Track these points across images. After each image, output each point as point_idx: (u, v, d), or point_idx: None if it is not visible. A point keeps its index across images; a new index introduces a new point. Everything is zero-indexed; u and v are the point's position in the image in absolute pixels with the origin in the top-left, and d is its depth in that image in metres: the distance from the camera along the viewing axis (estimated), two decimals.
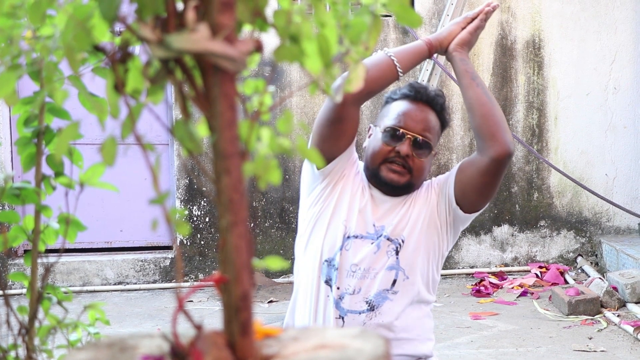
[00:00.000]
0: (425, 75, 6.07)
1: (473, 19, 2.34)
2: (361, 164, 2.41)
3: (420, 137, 2.30)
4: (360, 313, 2.28)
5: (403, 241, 2.31)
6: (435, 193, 2.36)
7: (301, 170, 2.47)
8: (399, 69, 2.25)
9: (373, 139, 2.36)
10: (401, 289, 2.30)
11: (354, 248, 2.31)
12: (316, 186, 2.35)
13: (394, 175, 2.30)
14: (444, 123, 2.42)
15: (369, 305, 2.29)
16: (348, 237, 2.31)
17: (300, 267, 2.39)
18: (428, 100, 2.36)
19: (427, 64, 6.03)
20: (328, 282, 2.30)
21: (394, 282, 2.30)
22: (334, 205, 2.33)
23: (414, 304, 2.33)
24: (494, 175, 2.26)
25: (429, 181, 2.42)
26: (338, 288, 2.29)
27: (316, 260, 2.33)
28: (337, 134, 2.27)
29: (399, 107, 2.35)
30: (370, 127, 2.42)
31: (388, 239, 2.31)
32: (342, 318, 2.29)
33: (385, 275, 2.29)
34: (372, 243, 2.31)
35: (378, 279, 2.29)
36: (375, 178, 2.33)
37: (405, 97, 2.36)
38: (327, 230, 2.32)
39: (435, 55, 2.37)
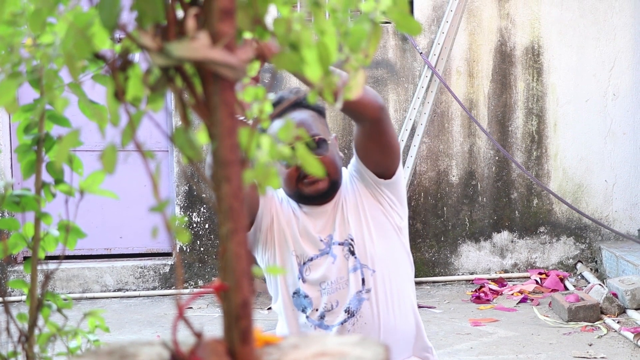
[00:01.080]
0: (424, 81, 6.08)
1: None
2: (280, 192, 2.42)
3: (310, 139, 2.31)
4: (342, 323, 2.30)
5: (352, 239, 2.32)
6: (357, 179, 2.37)
7: None
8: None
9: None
10: (373, 285, 2.31)
11: (313, 269, 2.33)
12: (256, 243, 2.39)
13: (314, 186, 2.30)
14: (318, 110, 2.40)
15: (348, 313, 2.30)
16: (304, 263, 2.34)
17: (278, 306, 2.41)
18: (292, 104, 2.35)
19: (426, 71, 6.04)
20: (304, 310, 2.34)
21: (363, 280, 2.31)
22: (277, 245, 2.36)
23: (393, 294, 2.33)
24: (381, 132, 2.24)
25: (348, 173, 2.41)
26: (317, 310, 2.32)
27: (286, 297, 2.37)
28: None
29: (275, 127, 2.32)
30: None
31: (339, 244, 2.33)
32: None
33: (353, 278, 2.31)
34: (327, 256, 2.32)
35: (349, 285, 2.30)
36: (301, 199, 2.35)
37: (274, 117, 2.33)
38: (282, 268, 2.35)
39: (434, 64, 2.37)
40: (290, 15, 0.88)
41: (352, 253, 2.32)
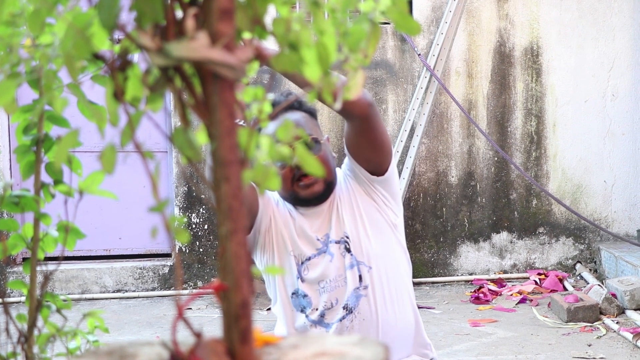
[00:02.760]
0: (424, 82, 6.08)
1: None
2: (275, 194, 2.43)
3: (307, 138, 2.32)
4: (341, 320, 2.31)
5: (348, 237, 2.33)
6: (351, 178, 2.39)
7: None
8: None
9: None
10: (370, 282, 2.32)
11: (311, 268, 2.34)
12: (255, 245, 2.40)
13: (310, 189, 2.31)
14: (309, 111, 2.41)
15: (346, 310, 2.31)
16: (302, 263, 2.35)
17: (277, 307, 2.42)
18: (286, 108, 2.37)
19: (425, 72, 6.04)
20: (303, 310, 2.34)
21: (360, 277, 2.32)
22: (276, 246, 2.37)
23: (388, 288, 2.34)
24: (371, 129, 2.25)
25: (342, 172, 2.43)
26: (316, 309, 2.33)
27: (285, 298, 2.38)
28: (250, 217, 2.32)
29: (269, 130, 2.34)
30: None
31: (335, 243, 2.34)
32: (328, 332, 2.34)
33: (351, 275, 2.32)
34: (325, 255, 2.33)
35: (348, 282, 2.31)
36: (296, 201, 2.36)
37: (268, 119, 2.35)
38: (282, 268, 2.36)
39: (432, 66, 2.39)
40: (289, 15, 0.88)
41: (348, 250, 2.33)
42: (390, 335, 2.32)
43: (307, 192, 2.31)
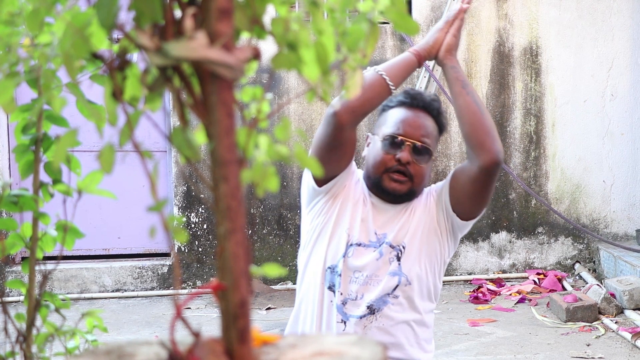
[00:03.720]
0: (423, 82, 6.08)
1: (454, 21, 2.35)
2: (360, 173, 2.42)
3: (420, 143, 2.32)
4: (361, 317, 2.31)
5: (404, 247, 2.33)
6: (434, 200, 2.38)
7: (299, 177, 2.49)
8: (390, 85, 2.26)
9: (372, 148, 2.37)
10: (402, 294, 2.32)
11: (356, 255, 2.33)
12: (318, 201, 2.38)
13: (395, 184, 2.31)
14: (441, 127, 2.43)
15: (369, 310, 2.31)
16: (351, 245, 2.34)
17: (304, 276, 2.41)
18: (424, 105, 2.38)
19: (424, 73, 6.04)
20: (331, 287, 2.33)
21: (396, 287, 2.32)
22: (336, 216, 2.36)
23: (415, 309, 2.34)
24: (484, 183, 2.27)
25: (428, 188, 2.43)
26: (341, 294, 2.32)
27: (319, 268, 2.35)
28: (337, 157, 2.30)
29: (396, 114, 2.37)
30: (368, 136, 2.44)
31: (390, 246, 2.33)
32: (344, 322, 2.32)
33: (388, 281, 2.32)
34: (374, 250, 2.33)
35: (381, 285, 2.31)
36: (377, 187, 2.35)
37: (401, 104, 2.38)
38: (330, 239, 2.35)
39: (431, 67, 2.39)
40: (288, 15, 0.88)
41: (398, 259, 2.33)
42: (397, 347, 2.33)
43: (391, 184, 2.32)
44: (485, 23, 6.27)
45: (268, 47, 1.98)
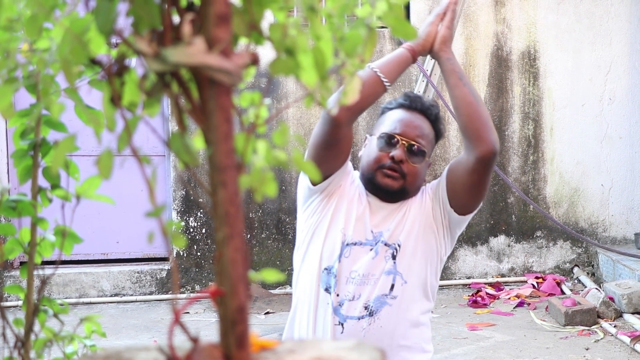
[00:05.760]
0: (421, 86, 6.08)
1: (444, 14, 2.36)
2: (356, 173, 2.44)
3: (414, 143, 2.33)
4: (359, 319, 2.30)
5: (399, 245, 2.34)
6: (430, 197, 2.39)
7: (297, 182, 2.48)
8: (385, 82, 2.28)
9: (368, 146, 2.40)
10: (400, 294, 2.32)
11: (352, 255, 2.33)
12: (313, 200, 2.38)
13: (388, 180, 2.33)
14: (438, 133, 2.44)
15: (367, 311, 2.30)
16: (347, 245, 2.34)
17: (300, 277, 2.41)
18: (423, 109, 2.40)
19: (422, 77, 6.04)
20: (327, 289, 2.33)
21: (392, 286, 2.32)
22: (331, 215, 2.36)
23: (413, 309, 2.34)
24: (481, 174, 2.28)
25: (424, 187, 2.44)
26: (337, 295, 2.31)
27: (315, 269, 2.35)
28: (333, 155, 2.31)
29: (394, 115, 2.40)
30: (366, 137, 2.46)
31: (385, 244, 2.34)
32: (342, 324, 2.31)
33: (384, 280, 2.31)
34: (370, 249, 2.34)
35: (378, 285, 2.31)
36: (370, 184, 2.36)
37: (400, 106, 2.41)
38: (325, 239, 2.35)
39: (427, 62, 2.40)
40: (286, 21, 0.88)
41: (394, 257, 2.33)
42: (398, 349, 2.32)
43: (384, 180, 2.33)
44: (484, 27, 6.28)
45: (266, 52, 1.99)
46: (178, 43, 0.82)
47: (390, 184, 2.34)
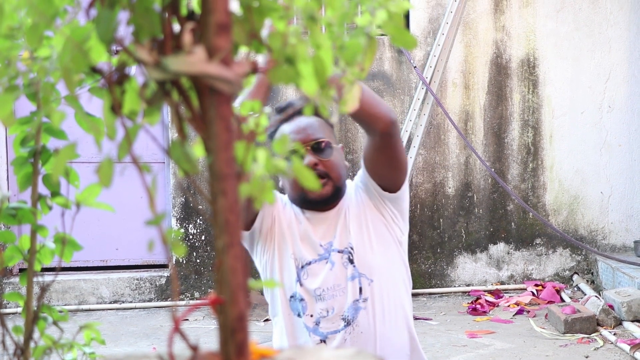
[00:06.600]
0: (420, 93, 6.09)
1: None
2: (285, 197, 2.44)
3: (314, 141, 2.32)
4: (338, 331, 2.30)
5: (352, 248, 2.34)
6: (362, 190, 2.40)
7: None
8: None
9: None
10: (369, 294, 2.32)
11: (311, 274, 2.34)
12: (257, 243, 2.40)
13: (318, 191, 2.32)
14: (325, 117, 2.43)
15: (345, 322, 2.31)
16: (302, 267, 2.35)
17: (273, 310, 2.42)
18: (298, 110, 2.39)
19: (421, 85, 6.05)
20: (299, 315, 2.34)
21: (361, 289, 2.32)
22: (277, 246, 2.37)
23: (388, 305, 2.34)
24: (391, 146, 2.27)
25: (354, 184, 2.43)
26: (311, 316, 2.33)
27: (282, 300, 2.38)
28: (250, 217, 2.35)
29: (281, 133, 2.37)
30: None
31: (339, 252, 2.34)
32: (324, 341, 2.32)
33: (351, 287, 2.32)
34: (326, 262, 2.34)
35: (347, 293, 2.31)
36: (305, 203, 2.37)
37: (280, 123, 2.39)
38: (281, 270, 2.37)
39: (426, 78, 2.40)
40: (286, 30, 0.89)
41: (351, 262, 2.33)
42: (387, 350, 2.32)
43: (315, 194, 2.32)
44: (483, 35, 6.29)
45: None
46: (178, 52, 0.82)
47: (324, 193, 2.33)
